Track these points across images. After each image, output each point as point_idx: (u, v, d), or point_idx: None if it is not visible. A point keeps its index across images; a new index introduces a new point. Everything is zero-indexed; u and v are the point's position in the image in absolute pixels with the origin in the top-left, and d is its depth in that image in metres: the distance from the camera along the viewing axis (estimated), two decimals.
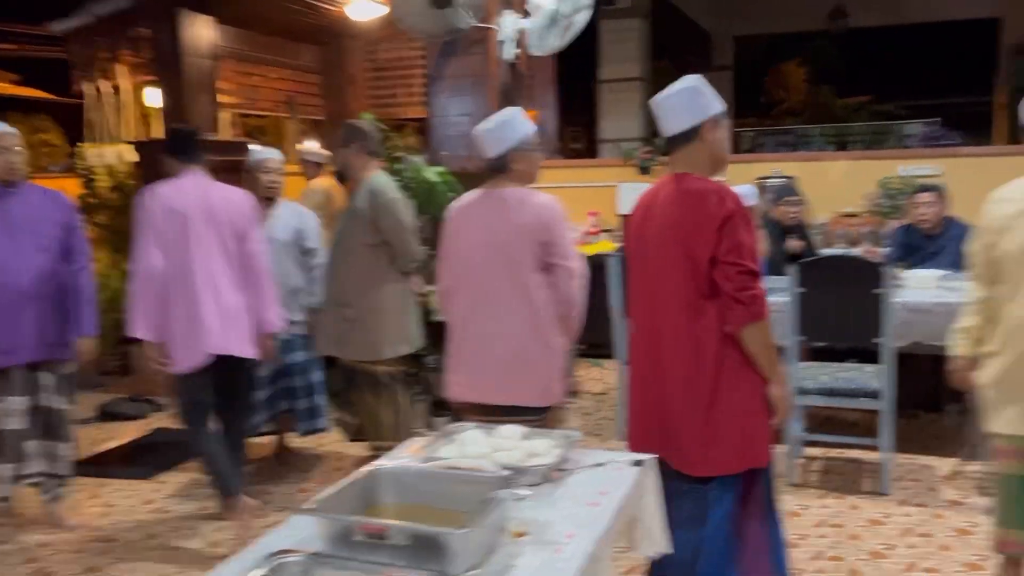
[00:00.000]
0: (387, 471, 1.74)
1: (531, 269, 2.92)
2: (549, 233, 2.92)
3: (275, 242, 4.27)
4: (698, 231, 2.28)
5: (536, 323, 2.93)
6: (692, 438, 2.32)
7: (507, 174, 3.00)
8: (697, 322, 2.30)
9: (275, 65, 7.12)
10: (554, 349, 2.95)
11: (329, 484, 4.07)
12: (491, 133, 3.01)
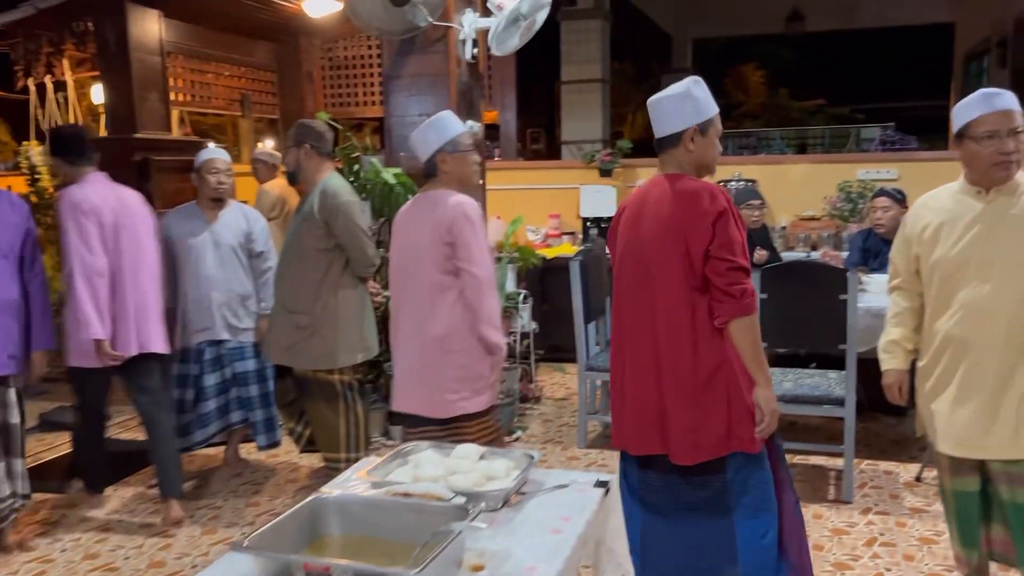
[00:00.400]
0: (332, 500, 1.62)
1: (436, 273, 2.89)
2: (452, 235, 2.85)
3: (222, 246, 4.12)
4: (693, 227, 2.33)
5: (437, 331, 2.87)
6: (682, 427, 2.36)
7: (438, 177, 2.98)
8: (693, 316, 2.36)
9: (228, 62, 6.90)
10: (457, 358, 2.87)
11: (281, 497, 3.95)
12: (418, 136, 2.99)
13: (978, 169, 2.39)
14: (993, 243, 2.38)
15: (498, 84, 7.53)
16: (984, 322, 2.38)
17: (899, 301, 2.65)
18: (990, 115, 2.33)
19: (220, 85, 6.85)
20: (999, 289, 2.36)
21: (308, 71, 7.41)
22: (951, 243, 2.44)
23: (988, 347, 2.38)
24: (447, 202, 2.90)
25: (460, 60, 4.81)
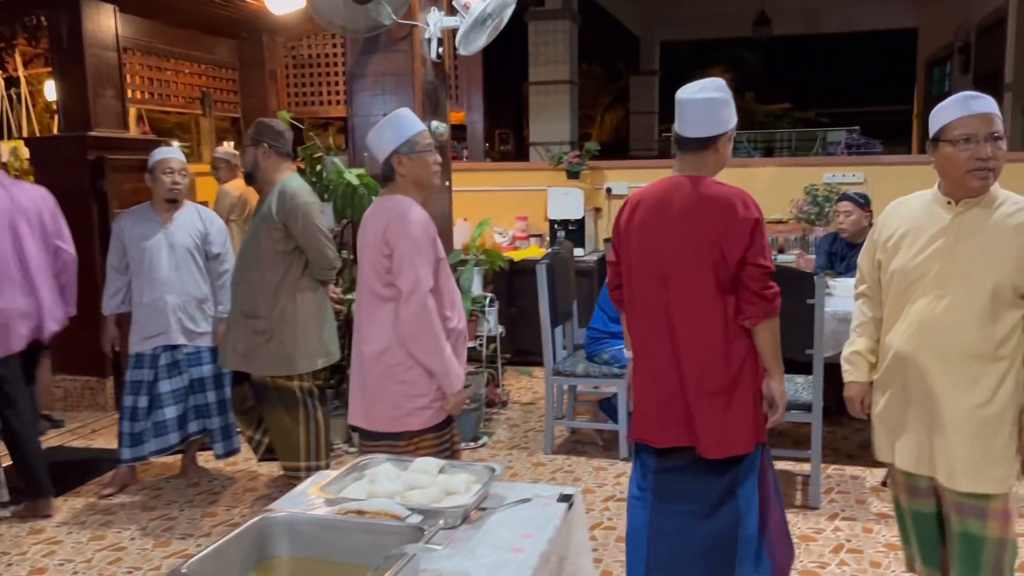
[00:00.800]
0: (280, 520, 1.53)
1: (376, 284, 2.72)
2: (388, 245, 2.67)
3: (178, 248, 4.00)
4: (730, 233, 2.41)
5: (375, 345, 2.72)
6: (712, 423, 2.46)
7: (395, 180, 2.80)
8: (724, 316, 2.46)
9: (188, 59, 6.73)
10: (397, 374, 2.70)
11: (239, 507, 3.83)
12: (374, 136, 2.81)
13: (952, 176, 2.23)
14: (955, 258, 2.23)
15: (465, 84, 7.46)
16: (936, 340, 2.24)
17: (864, 310, 2.53)
18: (968, 118, 2.19)
19: (179, 83, 6.69)
20: (955, 307, 2.21)
21: (271, 69, 7.28)
22: (913, 253, 2.30)
23: (940, 367, 2.24)
24: (392, 210, 2.74)
25: (425, 59, 4.73)
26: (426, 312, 2.64)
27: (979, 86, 10.33)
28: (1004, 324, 2.19)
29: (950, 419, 2.24)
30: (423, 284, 2.65)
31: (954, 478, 2.25)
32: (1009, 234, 2.18)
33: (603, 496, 3.96)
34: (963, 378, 2.22)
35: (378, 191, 4.52)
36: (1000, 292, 2.18)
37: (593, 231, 6.64)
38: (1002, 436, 2.23)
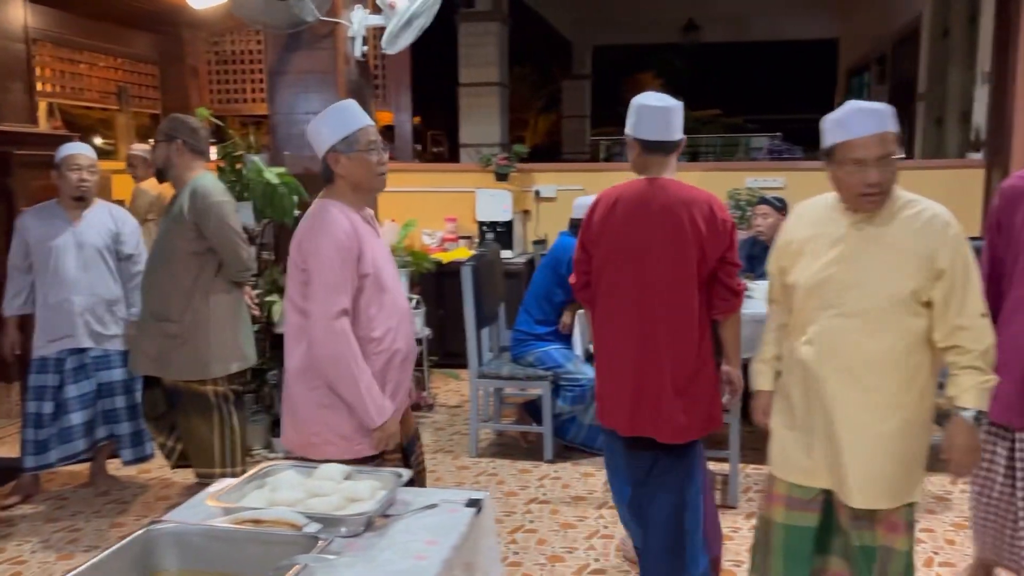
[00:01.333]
0: (167, 531, 1.46)
1: (297, 298, 2.45)
2: (304, 259, 2.41)
3: (86, 247, 3.84)
4: (712, 235, 2.62)
5: (294, 362, 2.46)
6: (675, 409, 2.63)
7: (333, 182, 2.50)
8: (697, 311, 2.64)
9: (103, 52, 6.50)
10: (316, 397, 2.42)
11: (150, 516, 3.70)
12: (311, 130, 2.52)
13: (843, 195, 2.18)
14: (855, 267, 2.15)
15: (393, 84, 7.37)
16: (836, 350, 2.17)
17: (774, 317, 2.46)
18: (860, 140, 2.06)
19: (94, 76, 6.46)
20: (855, 315, 2.14)
21: (192, 65, 7.09)
22: (813, 261, 2.22)
23: (839, 377, 2.17)
24: (310, 219, 2.47)
25: (349, 57, 4.65)
26: (335, 337, 2.34)
27: (895, 95, 10.70)
28: (904, 333, 2.13)
29: (850, 432, 2.17)
30: (332, 307, 2.35)
31: (850, 494, 2.19)
32: (909, 239, 2.12)
33: (526, 499, 3.95)
34: (863, 389, 2.15)
35: (299, 190, 4.44)
36: (899, 301, 2.11)
37: (522, 233, 6.64)
38: (904, 450, 2.18)
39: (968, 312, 2.10)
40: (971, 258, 2.15)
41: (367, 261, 2.44)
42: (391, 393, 2.49)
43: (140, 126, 9.09)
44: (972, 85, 7.32)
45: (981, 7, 7.01)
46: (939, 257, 2.09)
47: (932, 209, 2.15)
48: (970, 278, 2.11)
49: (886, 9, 10.70)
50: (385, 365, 2.47)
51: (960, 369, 2.12)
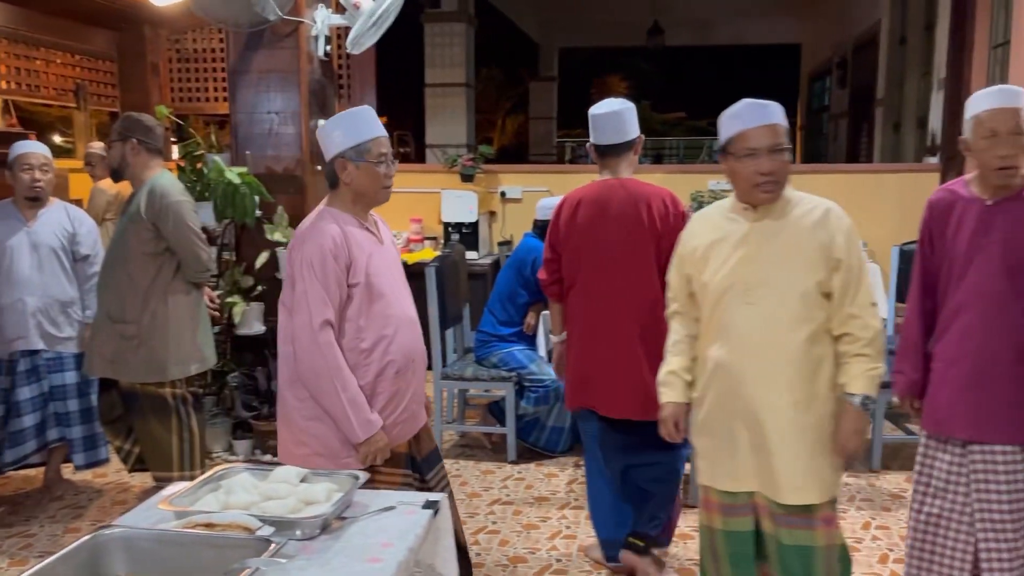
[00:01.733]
0: (116, 536, 1.44)
1: (290, 304, 2.39)
2: (291, 266, 2.37)
3: (41, 248, 3.77)
4: (670, 226, 2.83)
5: (285, 373, 2.41)
6: (647, 388, 2.71)
7: (337, 188, 2.44)
8: (657, 297, 2.73)
9: (60, 49, 6.37)
10: (304, 409, 2.37)
11: (106, 521, 3.64)
12: (322, 133, 2.43)
13: (740, 187, 2.25)
14: (759, 265, 2.21)
15: (358, 84, 7.33)
16: (750, 350, 2.21)
17: (677, 328, 2.45)
18: (752, 131, 2.17)
19: (51, 73, 6.34)
20: (765, 314, 2.19)
21: (153, 63, 6.98)
22: (719, 264, 2.26)
23: (756, 377, 2.21)
24: (303, 228, 2.43)
25: (312, 57, 4.62)
26: (317, 349, 2.29)
27: (855, 100, 10.90)
28: (812, 325, 2.20)
29: (771, 430, 2.20)
30: (315, 318, 2.29)
31: (780, 491, 2.21)
32: (806, 233, 2.20)
33: (489, 500, 3.95)
34: (781, 386, 2.19)
35: (260, 190, 4.39)
36: (805, 293, 2.19)
37: (487, 234, 6.64)
38: (822, 442, 2.23)
39: (860, 301, 2.19)
40: (861, 251, 2.26)
41: (358, 271, 2.38)
42: (382, 406, 2.40)
43: (100, 124, 8.93)
44: (929, 91, 7.47)
45: (937, 15, 7.16)
46: (835, 248, 2.18)
47: (825, 204, 2.26)
48: (863, 268, 2.21)
49: (847, 16, 10.89)
50: (376, 377, 2.39)
51: (851, 357, 2.21)
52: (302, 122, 4.58)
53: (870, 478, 4.12)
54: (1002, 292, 2.34)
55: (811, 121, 14.66)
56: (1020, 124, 2.27)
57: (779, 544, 2.27)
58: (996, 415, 2.37)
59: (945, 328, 2.46)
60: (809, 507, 2.23)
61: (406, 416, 2.48)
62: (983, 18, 6.00)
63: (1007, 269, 2.33)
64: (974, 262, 2.37)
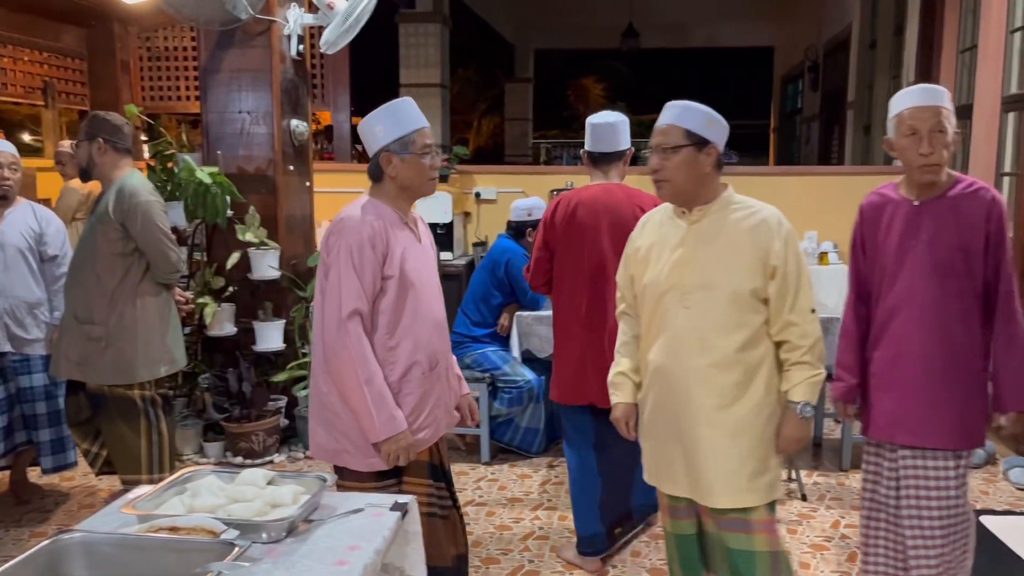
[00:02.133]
0: (77, 541, 1.42)
1: (320, 295, 2.35)
2: (327, 253, 2.32)
3: (7, 248, 3.70)
4: None
5: (317, 363, 2.36)
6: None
7: (381, 182, 2.38)
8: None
9: (27, 46, 6.27)
10: (326, 397, 2.34)
11: (73, 525, 3.59)
12: (366, 128, 2.38)
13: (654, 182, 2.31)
14: (695, 267, 2.21)
15: (331, 84, 7.30)
16: (684, 352, 2.21)
17: (625, 329, 2.46)
18: (658, 127, 2.24)
19: (17, 71, 6.23)
20: (698, 316, 2.19)
21: (123, 60, 6.89)
22: (658, 266, 2.28)
23: (689, 380, 2.21)
24: (342, 215, 2.35)
25: (284, 56, 4.59)
26: (344, 340, 2.22)
27: (826, 103, 11.01)
28: (747, 330, 2.18)
29: (702, 433, 2.20)
30: (344, 308, 2.23)
31: (711, 495, 2.21)
32: (743, 238, 2.18)
33: (463, 501, 3.93)
34: (712, 390, 2.19)
35: (231, 190, 4.36)
36: (740, 298, 2.17)
37: (462, 235, 6.63)
38: (755, 446, 2.20)
39: (799, 308, 2.18)
40: (803, 257, 2.25)
41: (393, 263, 2.32)
42: (411, 408, 2.34)
43: (69, 122, 8.80)
44: None
45: (907, 20, 7.26)
46: (772, 254, 2.17)
47: (766, 210, 2.24)
48: (802, 275, 2.20)
49: (818, 19, 11.00)
50: (401, 378, 2.33)
51: (792, 365, 2.21)
52: (274, 122, 4.55)
53: (840, 477, 4.16)
54: (932, 294, 2.32)
55: (783, 123, 14.80)
56: (941, 122, 2.26)
57: (726, 548, 2.28)
58: (930, 420, 2.34)
59: (880, 333, 2.44)
60: (745, 510, 2.21)
61: (430, 421, 2.41)
62: (951, 23, 6.09)
63: (935, 270, 2.31)
64: (904, 264, 2.36)
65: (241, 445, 4.31)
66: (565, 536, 3.53)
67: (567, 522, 3.67)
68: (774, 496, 2.26)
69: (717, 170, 2.25)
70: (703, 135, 2.20)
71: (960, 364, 2.34)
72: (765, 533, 2.23)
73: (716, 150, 2.22)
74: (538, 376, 4.49)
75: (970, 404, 2.36)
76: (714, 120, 2.24)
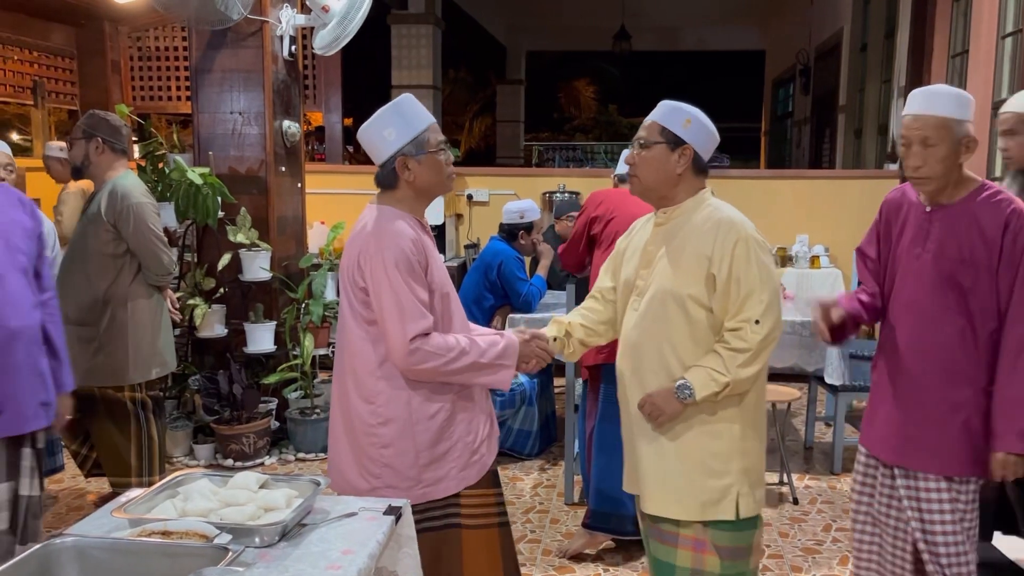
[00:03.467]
0: (68, 545, 1.41)
1: (354, 319, 2.14)
2: (363, 274, 2.09)
3: None
4: None
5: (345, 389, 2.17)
6: None
7: (395, 188, 2.17)
8: None
9: (15, 44, 6.22)
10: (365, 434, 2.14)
11: (62, 528, 3.56)
12: (371, 134, 2.17)
13: None
14: (648, 271, 2.18)
15: (323, 85, 7.27)
16: (629, 355, 2.19)
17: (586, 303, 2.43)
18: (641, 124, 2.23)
19: (6, 70, 6.19)
20: (643, 321, 2.15)
21: (114, 60, 6.84)
22: (628, 267, 2.26)
23: (635, 381, 2.18)
24: (367, 229, 2.13)
25: (276, 57, 4.57)
26: (419, 358, 2.05)
27: (817, 107, 11.05)
28: (683, 338, 2.11)
29: (639, 438, 2.19)
30: (407, 331, 2.03)
31: (643, 499, 2.20)
32: (692, 245, 2.12)
33: None
34: (649, 390, 2.15)
35: (223, 191, 4.34)
36: (678, 303, 2.10)
37: (454, 237, 6.62)
38: (686, 461, 2.12)
39: (743, 316, 2.07)
40: (760, 267, 2.09)
41: (432, 273, 2.15)
42: (481, 424, 2.24)
43: (58, 122, 8.75)
44: (889, 98, 7.60)
45: (898, 24, 7.29)
46: (712, 263, 2.08)
47: (728, 220, 2.11)
48: (752, 286, 2.06)
49: (809, 23, 11.04)
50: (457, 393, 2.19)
51: (710, 352, 2.09)
52: (266, 122, 4.54)
53: (831, 480, 4.17)
54: (931, 306, 2.19)
55: (774, 127, 14.84)
56: (931, 137, 2.12)
57: (652, 556, 2.27)
58: (916, 441, 2.23)
59: (883, 342, 2.36)
60: (676, 522, 2.15)
61: (490, 429, 2.30)
62: (942, 27, 6.12)
63: (938, 282, 2.18)
64: (911, 272, 2.25)
65: (232, 447, 4.29)
66: (557, 540, 3.53)
67: (559, 526, 3.66)
68: (708, 516, 2.12)
69: (696, 173, 2.17)
70: (679, 135, 2.14)
71: (957, 386, 2.18)
72: (691, 550, 2.14)
73: (691, 151, 2.14)
74: (531, 379, 4.48)
75: (965, 429, 2.18)
76: (696, 122, 2.16)
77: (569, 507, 3.85)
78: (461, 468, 2.18)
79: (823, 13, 10.35)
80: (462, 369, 2.10)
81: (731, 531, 2.13)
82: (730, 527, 2.12)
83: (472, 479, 2.21)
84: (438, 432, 2.13)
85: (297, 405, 4.63)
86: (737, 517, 2.11)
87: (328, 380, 4.85)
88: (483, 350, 2.13)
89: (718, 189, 7.09)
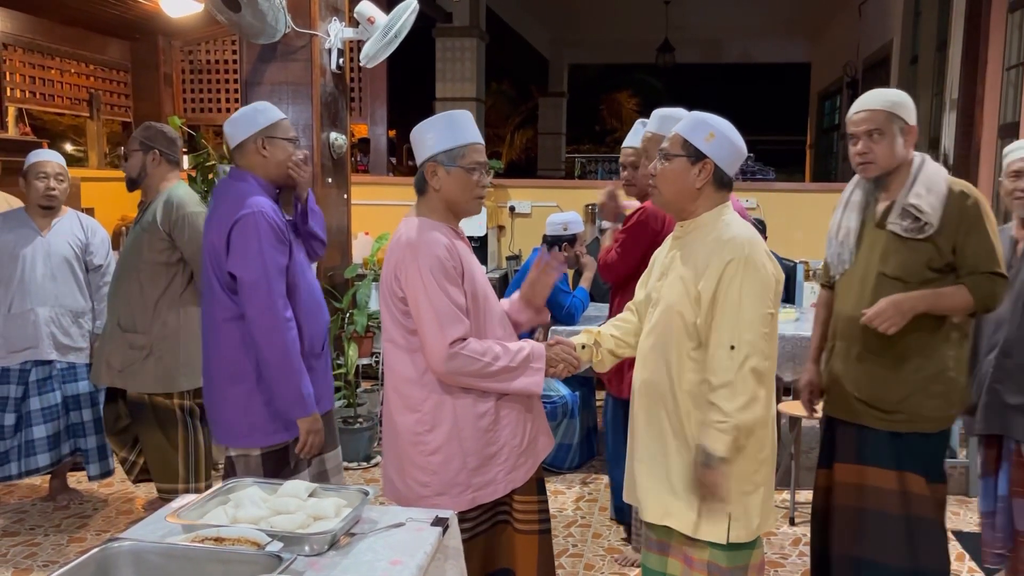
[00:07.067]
0: (125, 549, 1.43)
1: (396, 329, 2.18)
2: (400, 284, 2.12)
3: (54, 257, 3.77)
4: None
5: (411, 404, 2.19)
6: None
7: (426, 195, 2.22)
8: None
9: (75, 59, 6.41)
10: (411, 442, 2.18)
11: (111, 531, 3.62)
12: (416, 135, 2.24)
13: None
14: (664, 283, 2.18)
15: (369, 97, 7.36)
16: (643, 369, 2.20)
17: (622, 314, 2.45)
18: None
19: (65, 83, 6.37)
20: (654, 334, 2.16)
21: (166, 73, 7.02)
22: (652, 279, 2.29)
23: (645, 397, 2.18)
24: (402, 240, 2.15)
25: (324, 70, 4.64)
26: (457, 364, 2.08)
27: None
28: (679, 356, 2.10)
29: (637, 448, 2.21)
30: (446, 336, 2.07)
31: (641, 507, 2.22)
32: (692, 258, 2.10)
33: None
34: (642, 407, 2.18)
35: None
36: (674, 320, 2.10)
37: (496, 248, 6.64)
38: (686, 478, 2.10)
39: (716, 340, 2.02)
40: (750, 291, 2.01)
41: (468, 280, 2.18)
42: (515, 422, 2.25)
43: (111, 133, 8.98)
44: (941, 111, 7.46)
45: (950, 35, 7.16)
46: (702, 280, 2.05)
47: (732, 239, 2.06)
48: (732, 308, 2.00)
49: (857, 35, 10.89)
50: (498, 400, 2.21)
51: (707, 403, 2.04)
52: (313, 135, 4.60)
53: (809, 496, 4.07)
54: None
55: (820, 140, 14.64)
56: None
57: (643, 564, 2.29)
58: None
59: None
60: (666, 531, 2.16)
61: (535, 431, 2.31)
62: (997, 39, 5.99)
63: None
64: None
65: None
66: (599, 555, 3.50)
67: (601, 540, 3.63)
68: (700, 535, 2.09)
69: (717, 188, 2.12)
70: (700, 148, 2.10)
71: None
72: (683, 564, 2.15)
73: (711, 166, 2.09)
74: (572, 392, 4.46)
75: None
76: (720, 136, 2.10)
77: (612, 522, 3.81)
78: (508, 471, 2.21)
79: (872, 25, 10.20)
80: (497, 372, 2.12)
81: (726, 551, 2.09)
82: (725, 547, 2.09)
83: (519, 481, 2.24)
84: (484, 435, 2.17)
85: (340, 414, 4.67)
86: (727, 542, 2.07)
87: (371, 390, 4.90)
88: (513, 354, 2.16)
89: (763, 202, 7.01)
